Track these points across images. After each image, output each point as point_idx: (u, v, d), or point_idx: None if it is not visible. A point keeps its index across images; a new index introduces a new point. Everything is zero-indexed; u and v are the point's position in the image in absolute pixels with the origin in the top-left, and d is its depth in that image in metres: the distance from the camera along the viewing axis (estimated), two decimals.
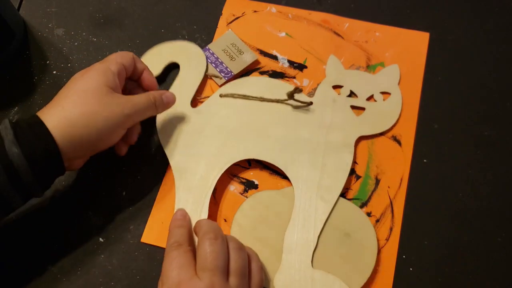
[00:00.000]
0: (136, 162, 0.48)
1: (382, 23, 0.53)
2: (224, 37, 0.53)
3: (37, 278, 0.44)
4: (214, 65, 0.51)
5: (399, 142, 0.47)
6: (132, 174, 0.47)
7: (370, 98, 0.49)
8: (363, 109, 0.48)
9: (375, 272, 0.42)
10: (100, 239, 0.45)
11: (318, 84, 0.50)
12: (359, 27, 0.53)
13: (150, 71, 0.46)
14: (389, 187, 0.45)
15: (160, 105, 0.44)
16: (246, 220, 0.44)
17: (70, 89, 0.40)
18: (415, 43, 0.52)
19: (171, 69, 0.52)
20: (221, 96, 0.50)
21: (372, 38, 0.52)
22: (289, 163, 0.46)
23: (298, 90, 0.46)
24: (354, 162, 0.46)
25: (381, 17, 0.53)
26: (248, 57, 0.51)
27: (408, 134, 0.47)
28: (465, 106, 0.49)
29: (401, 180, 0.45)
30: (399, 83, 0.49)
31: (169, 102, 0.45)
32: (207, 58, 0.52)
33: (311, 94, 0.50)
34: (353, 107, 0.48)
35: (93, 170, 0.48)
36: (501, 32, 0.52)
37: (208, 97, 0.50)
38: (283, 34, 0.54)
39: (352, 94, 0.49)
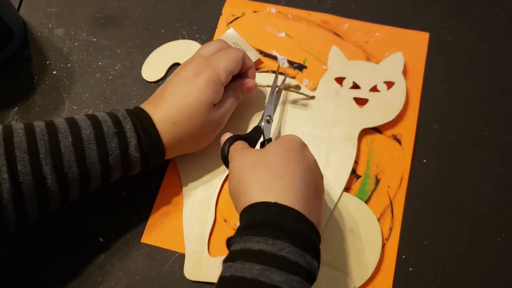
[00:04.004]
0: None
1: (382, 23, 0.53)
2: (226, 36, 0.52)
3: (37, 278, 0.43)
4: None
5: (399, 142, 0.47)
6: (132, 174, 0.47)
7: (374, 88, 0.48)
8: (366, 100, 0.48)
9: (375, 271, 0.42)
10: (100, 239, 0.45)
11: (317, 84, 0.50)
12: (359, 28, 0.53)
13: (254, 69, 0.47)
14: (389, 187, 0.45)
15: (242, 96, 0.46)
16: None
17: (181, 101, 0.41)
18: (415, 43, 0.52)
19: (172, 66, 0.53)
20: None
21: (372, 38, 0.52)
22: None
23: (298, 87, 0.47)
24: (355, 161, 0.46)
25: (381, 17, 0.53)
26: (251, 56, 0.50)
27: (408, 133, 0.47)
28: (465, 106, 0.49)
29: (401, 179, 0.45)
30: (403, 71, 0.49)
31: (250, 92, 0.46)
32: None
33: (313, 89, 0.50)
34: (356, 98, 0.48)
35: None
36: (501, 32, 0.52)
37: None
38: (283, 34, 0.54)
39: (354, 85, 0.48)
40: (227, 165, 0.39)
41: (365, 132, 0.47)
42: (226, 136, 0.41)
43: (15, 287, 0.43)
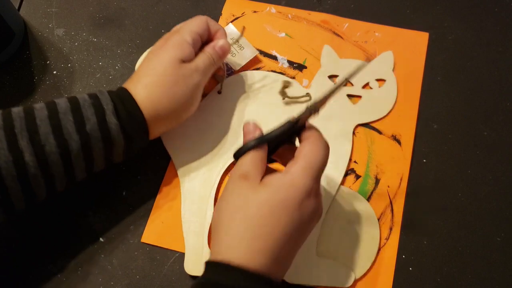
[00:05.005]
0: (136, 162, 0.48)
1: (382, 23, 0.53)
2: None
3: (37, 278, 0.44)
4: None
5: (399, 142, 0.47)
6: (132, 174, 0.47)
7: (366, 85, 0.49)
8: (359, 97, 0.49)
9: (375, 271, 0.42)
10: (100, 239, 0.45)
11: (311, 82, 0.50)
12: (359, 28, 0.53)
13: (223, 30, 0.46)
14: (388, 187, 0.45)
15: (218, 59, 0.45)
16: None
17: (150, 66, 0.42)
18: (414, 43, 0.52)
19: None
20: (219, 93, 0.50)
21: (372, 38, 0.52)
22: None
23: (286, 84, 0.48)
24: (354, 161, 0.46)
25: (381, 17, 0.53)
26: (249, 53, 0.51)
27: (408, 134, 0.47)
28: (465, 106, 0.49)
29: (401, 179, 0.45)
30: (393, 70, 0.50)
31: (225, 53, 0.45)
32: None
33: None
34: (349, 95, 0.49)
35: None
36: (501, 32, 0.52)
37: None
38: (283, 34, 0.54)
39: (347, 82, 0.50)
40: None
41: (365, 132, 0.48)
42: (250, 127, 0.37)
43: (15, 287, 0.44)
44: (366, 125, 0.48)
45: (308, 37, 0.53)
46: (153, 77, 0.41)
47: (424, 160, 0.46)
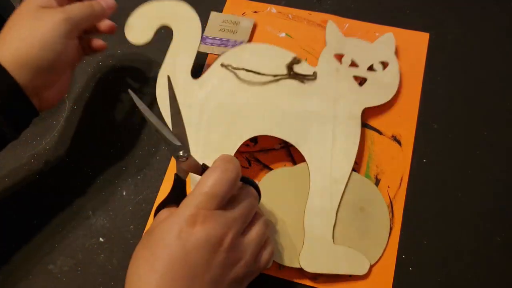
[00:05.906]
0: (136, 162, 0.48)
1: (382, 23, 0.53)
2: (212, 20, 0.54)
3: (37, 278, 0.44)
4: (224, 46, 0.52)
5: (399, 142, 0.47)
6: (132, 174, 0.47)
7: (370, 67, 0.49)
8: (365, 79, 0.48)
9: (375, 271, 0.42)
10: (100, 239, 0.45)
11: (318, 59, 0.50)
12: (359, 28, 0.53)
13: None
14: (389, 187, 0.45)
15: (99, 7, 0.43)
16: (263, 199, 0.43)
17: (8, 21, 0.40)
18: (415, 43, 0.52)
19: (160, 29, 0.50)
20: (222, 65, 0.48)
21: (372, 38, 0.52)
22: (300, 138, 0.45)
23: (296, 60, 0.47)
24: (355, 162, 0.46)
25: (381, 17, 0.53)
26: (247, 23, 0.52)
27: (408, 134, 0.47)
28: (465, 106, 0.49)
29: (401, 180, 0.46)
30: (395, 53, 0.50)
31: (109, 5, 0.44)
32: (210, 45, 0.52)
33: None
34: (355, 77, 0.48)
35: (92, 170, 0.48)
36: (501, 32, 0.52)
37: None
38: (283, 34, 0.54)
39: (352, 63, 0.49)
40: None
41: (365, 133, 0.48)
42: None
43: (15, 287, 0.44)
44: (366, 125, 0.48)
45: (308, 37, 0.53)
46: (10, 26, 0.39)
47: (424, 160, 0.46)
